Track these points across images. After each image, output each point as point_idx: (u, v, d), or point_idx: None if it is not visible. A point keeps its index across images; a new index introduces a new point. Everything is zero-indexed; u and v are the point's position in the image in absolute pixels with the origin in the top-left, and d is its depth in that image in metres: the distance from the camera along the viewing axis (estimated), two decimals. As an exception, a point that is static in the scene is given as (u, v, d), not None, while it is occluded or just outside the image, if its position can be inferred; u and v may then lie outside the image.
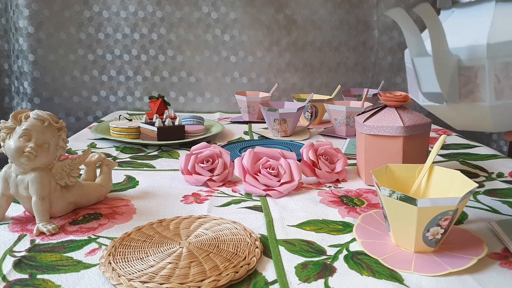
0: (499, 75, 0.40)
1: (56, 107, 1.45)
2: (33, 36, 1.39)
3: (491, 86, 0.40)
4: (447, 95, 0.42)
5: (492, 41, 0.39)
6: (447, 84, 0.42)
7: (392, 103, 0.67)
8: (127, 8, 1.42)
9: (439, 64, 0.41)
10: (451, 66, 0.42)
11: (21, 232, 0.52)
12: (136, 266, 0.43)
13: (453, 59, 0.42)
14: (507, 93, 0.40)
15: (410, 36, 0.42)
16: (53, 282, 0.41)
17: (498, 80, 0.40)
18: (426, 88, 0.44)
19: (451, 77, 0.42)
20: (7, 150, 0.51)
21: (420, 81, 0.44)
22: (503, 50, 0.39)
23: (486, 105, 0.41)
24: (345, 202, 0.62)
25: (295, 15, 1.45)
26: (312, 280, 0.42)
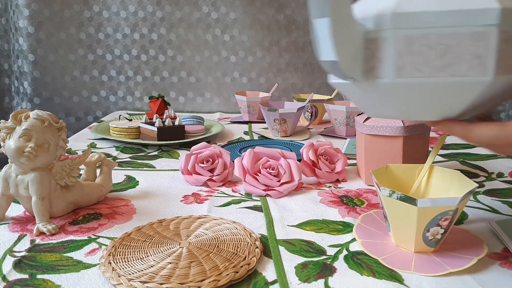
0: (401, 49, 0.37)
1: (56, 107, 1.45)
2: (33, 36, 1.39)
3: (392, 61, 0.37)
4: (347, 68, 0.38)
5: (398, 10, 0.36)
6: (348, 55, 0.38)
7: (392, 103, 0.67)
8: (127, 8, 1.42)
9: (337, 28, 0.37)
10: (354, 36, 0.38)
11: (21, 232, 0.52)
12: (136, 266, 0.43)
13: (358, 28, 0.38)
14: (409, 70, 0.37)
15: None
16: (53, 282, 0.41)
17: (400, 55, 0.37)
18: (324, 56, 0.39)
19: (354, 49, 0.38)
20: (7, 150, 0.51)
21: (319, 47, 0.39)
22: (409, 22, 0.36)
23: (385, 82, 0.38)
24: (345, 202, 0.62)
25: (295, 15, 1.45)
26: (312, 280, 0.42)
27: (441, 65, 0.36)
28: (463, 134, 0.40)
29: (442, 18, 0.35)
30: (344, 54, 0.38)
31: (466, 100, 0.38)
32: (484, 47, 0.35)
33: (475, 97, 0.37)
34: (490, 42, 0.35)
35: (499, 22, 0.34)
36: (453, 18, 0.35)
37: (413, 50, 0.36)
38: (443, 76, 0.36)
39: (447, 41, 0.36)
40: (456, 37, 0.35)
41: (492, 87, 0.37)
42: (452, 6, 0.35)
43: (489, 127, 0.38)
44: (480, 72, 0.36)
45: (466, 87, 0.37)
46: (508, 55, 0.36)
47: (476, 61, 0.36)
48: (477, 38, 0.35)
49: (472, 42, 0.35)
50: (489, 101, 0.40)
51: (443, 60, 0.36)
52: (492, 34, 0.35)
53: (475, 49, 0.35)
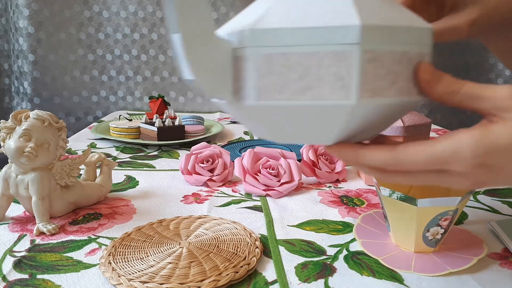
0: (261, 69, 0.33)
1: (56, 107, 1.45)
2: (33, 36, 1.39)
3: (253, 82, 0.33)
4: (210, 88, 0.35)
5: (257, 26, 0.33)
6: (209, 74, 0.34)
7: (392, 103, 0.67)
8: (127, 8, 1.42)
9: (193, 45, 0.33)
10: (216, 53, 0.34)
11: (21, 232, 0.52)
12: (136, 266, 0.43)
13: (223, 44, 0.34)
14: (271, 93, 0.33)
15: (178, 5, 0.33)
16: (53, 282, 0.41)
17: (261, 76, 0.33)
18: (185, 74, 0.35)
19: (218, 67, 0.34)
20: (7, 150, 0.51)
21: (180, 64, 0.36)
22: (267, 39, 0.32)
23: (249, 104, 0.34)
24: (345, 202, 0.62)
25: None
26: (312, 280, 0.42)
27: (302, 87, 0.32)
28: (354, 160, 0.35)
29: (301, 35, 0.32)
30: (204, 73, 0.34)
31: (335, 125, 0.34)
32: (346, 68, 0.32)
33: (344, 123, 0.34)
34: (352, 62, 0.31)
35: (361, 40, 0.31)
36: (312, 36, 0.32)
37: (274, 70, 0.33)
38: (305, 100, 0.33)
39: (308, 61, 0.32)
40: (317, 56, 0.32)
41: (360, 111, 0.33)
42: (311, 23, 0.32)
43: (379, 151, 0.34)
44: (343, 95, 0.32)
45: (331, 112, 0.33)
46: (375, 76, 0.32)
47: (338, 83, 0.32)
48: (338, 58, 0.31)
49: (333, 63, 0.32)
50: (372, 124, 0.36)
51: (304, 82, 0.32)
52: (354, 53, 0.31)
53: (336, 70, 0.32)
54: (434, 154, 0.31)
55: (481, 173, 0.31)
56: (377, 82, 0.33)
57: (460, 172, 0.31)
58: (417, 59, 0.34)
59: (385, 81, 0.33)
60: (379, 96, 0.33)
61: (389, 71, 0.33)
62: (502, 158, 0.30)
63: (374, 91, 0.33)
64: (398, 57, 0.33)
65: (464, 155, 0.30)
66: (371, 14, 0.32)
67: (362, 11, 0.32)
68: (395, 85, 0.34)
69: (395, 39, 0.33)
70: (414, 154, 0.32)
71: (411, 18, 0.35)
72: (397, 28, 0.33)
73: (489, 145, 0.30)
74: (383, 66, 0.33)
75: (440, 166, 0.31)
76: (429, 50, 0.35)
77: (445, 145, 0.31)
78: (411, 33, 0.34)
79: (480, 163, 0.30)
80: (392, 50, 0.33)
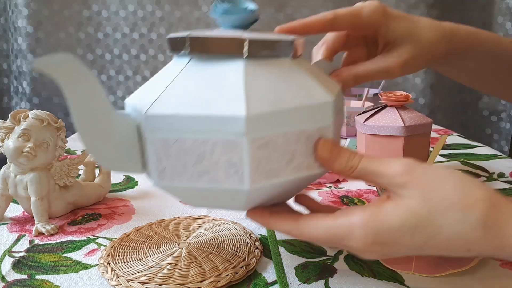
0: (159, 152, 0.33)
1: (55, 107, 1.45)
2: (32, 36, 1.39)
3: (154, 164, 0.34)
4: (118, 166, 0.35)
5: (152, 111, 0.33)
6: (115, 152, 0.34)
7: (392, 103, 0.67)
8: (126, 7, 1.42)
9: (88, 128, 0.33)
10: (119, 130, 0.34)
11: (20, 232, 0.52)
12: (135, 266, 0.43)
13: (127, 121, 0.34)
14: (170, 175, 0.34)
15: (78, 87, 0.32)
16: (52, 283, 0.41)
17: (159, 158, 0.34)
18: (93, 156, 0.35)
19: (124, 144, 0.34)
20: (5, 150, 0.51)
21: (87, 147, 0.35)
22: (162, 124, 0.33)
23: (155, 184, 0.35)
24: (346, 203, 0.62)
25: (295, 15, 1.45)
26: (312, 281, 0.42)
27: (199, 172, 0.33)
28: (265, 225, 0.36)
29: (192, 123, 0.32)
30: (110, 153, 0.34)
31: (239, 201, 0.35)
32: (238, 156, 0.32)
33: (245, 201, 0.35)
34: (242, 150, 0.32)
35: (247, 130, 0.31)
36: (203, 124, 0.32)
37: (170, 154, 0.33)
38: (203, 183, 0.33)
39: (201, 147, 0.32)
40: (209, 143, 0.32)
41: (258, 192, 0.34)
42: (203, 110, 0.32)
43: (284, 221, 0.35)
44: (237, 181, 0.33)
45: (230, 193, 0.34)
46: (268, 160, 0.33)
47: (231, 169, 0.32)
48: (229, 146, 0.32)
49: (225, 150, 0.32)
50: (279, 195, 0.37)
51: (200, 166, 0.33)
52: (243, 142, 0.31)
53: (229, 157, 0.32)
54: (331, 231, 0.33)
55: (378, 249, 0.32)
56: (271, 165, 0.33)
57: (357, 248, 0.32)
58: (316, 135, 0.34)
59: (281, 162, 0.34)
60: (275, 177, 0.34)
61: (284, 152, 0.33)
62: (394, 237, 0.31)
63: (269, 173, 0.33)
64: (293, 138, 0.34)
65: (356, 235, 0.31)
66: (261, 99, 0.32)
67: (252, 97, 0.32)
68: (293, 163, 0.34)
69: (288, 121, 0.33)
70: (314, 227, 0.33)
71: (310, 93, 0.34)
72: (290, 110, 0.33)
73: (378, 226, 0.31)
74: (276, 149, 0.33)
75: (338, 241, 0.33)
76: (330, 123, 0.35)
77: (340, 222, 0.32)
78: (306, 112, 0.34)
79: (373, 242, 0.31)
80: (286, 132, 0.33)
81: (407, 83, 1.56)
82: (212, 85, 0.34)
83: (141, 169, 0.36)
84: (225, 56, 0.34)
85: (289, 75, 0.35)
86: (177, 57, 0.37)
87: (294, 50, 0.36)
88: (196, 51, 0.35)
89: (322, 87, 0.35)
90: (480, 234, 0.30)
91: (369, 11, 0.42)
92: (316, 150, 0.34)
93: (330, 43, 0.46)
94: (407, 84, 1.56)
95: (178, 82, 0.35)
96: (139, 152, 0.35)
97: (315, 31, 0.42)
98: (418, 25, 0.43)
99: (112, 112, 0.34)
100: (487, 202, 0.30)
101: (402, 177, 0.31)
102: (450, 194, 0.30)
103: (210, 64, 0.35)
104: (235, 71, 0.34)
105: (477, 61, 0.48)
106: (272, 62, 0.35)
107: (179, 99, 0.33)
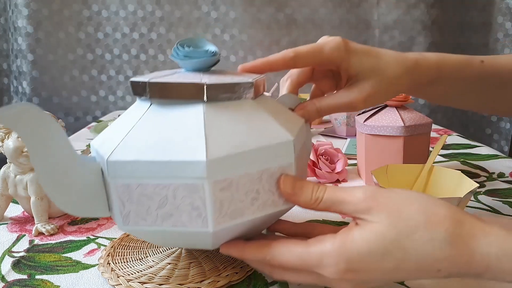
0: (122, 197, 0.34)
1: (55, 107, 1.45)
2: (32, 36, 1.39)
3: (117, 208, 0.35)
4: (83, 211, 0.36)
5: (112, 158, 0.33)
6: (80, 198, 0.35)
7: (392, 103, 0.67)
8: (126, 7, 1.42)
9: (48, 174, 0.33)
10: (83, 176, 0.35)
11: (20, 232, 0.52)
12: (135, 266, 0.43)
13: (91, 167, 0.35)
14: (134, 219, 0.34)
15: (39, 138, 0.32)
16: (52, 283, 0.41)
17: (122, 203, 0.34)
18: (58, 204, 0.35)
19: (88, 189, 0.35)
20: (5, 150, 0.51)
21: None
22: (123, 170, 0.33)
23: (120, 228, 0.36)
24: (345, 202, 0.62)
25: (295, 14, 1.45)
26: (313, 281, 0.41)
27: (163, 215, 0.34)
28: (240, 257, 0.37)
29: (154, 168, 0.33)
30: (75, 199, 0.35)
31: (206, 242, 0.36)
32: (200, 199, 0.33)
33: (211, 241, 0.36)
34: (204, 194, 0.33)
35: (208, 174, 0.32)
36: (164, 169, 0.33)
37: (133, 199, 0.34)
38: (167, 226, 0.34)
39: (164, 191, 0.33)
40: (171, 188, 0.33)
41: (223, 232, 0.35)
42: (164, 156, 0.33)
43: (257, 248, 0.35)
44: (201, 224, 0.33)
45: (196, 235, 0.35)
46: (231, 201, 0.34)
47: (194, 212, 0.33)
48: (191, 190, 0.33)
49: (187, 194, 0.33)
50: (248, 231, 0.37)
51: (163, 210, 0.34)
52: (204, 185, 0.32)
53: (191, 201, 0.33)
54: (303, 257, 0.32)
55: (351, 277, 0.32)
56: (235, 205, 0.34)
57: (330, 277, 0.32)
58: (279, 172, 0.35)
59: (244, 202, 0.34)
60: (240, 217, 0.34)
61: (248, 191, 0.34)
62: (365, 263, 0.31)
63: (233, 214, 0.34)
64: (256, 177, 0.34)
65: (327, 262, 0.31)
66: (221, 142, 0.33)
67: (212, 141, 0.33)
68: (257, 201, 0.35)
69: (249, 162, 0.34)
70: (286, 253, 0.33)
71: (270, 133, 0.35)
72: (250, 152, 0.34)
73: (348, 253, 0.31)
74: (239, 190, 0.34)
75: (310, 269, 0.32)
76: (292, 160, 0.36)
77: (313, 250, 0.32)
78: (267, 152, 0.34)
79: (345, 269, 0.31)
80: (248, 173, 0.34)
81: (407, 83, 1.56)
82: (173, 130, 0.34)
83: (108, 212, 0.37)
84: (185, 100, 0.35)
85: (250, 116, 0.36)
86: (140, 100, 0.38)
87: (254, 91, 0.37)
88: (156, 97, 0.36)
89: (282, 127, 0.36)
90: (448, 251, 0.30)
91: (330, 48, 0.42)
92: (278, 186, 0.35)
93: (295, 77, 0.47)
94: (407, 84, 1.56)
95: (139, 127, 0.35)
96: (105, 195, 0.36)
97: (278, 69, 0.42)
98: (381, 60, 0.44)
99: (75, 160, 0.34)
100: (452, 219, 0.31)
101: (366, 202, 0.32)
102: (416, 214, 0.31)
103: (170, 108, 0.36)
104: (195, 115, 0.35)
105: (446, 85, 0.49)
106: (232, 104, 0.36)
107: (140, 145, 0.34)
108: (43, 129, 0.32)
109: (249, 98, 0.37)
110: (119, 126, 0.38)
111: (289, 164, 0.36)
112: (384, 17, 1.49)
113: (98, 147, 0.36)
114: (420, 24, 1.50)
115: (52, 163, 0.33)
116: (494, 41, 1.56)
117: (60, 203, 0.34)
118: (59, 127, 0.33)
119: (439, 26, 1.52)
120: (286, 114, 0.40)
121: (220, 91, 0.35)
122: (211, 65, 0.40)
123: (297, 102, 0.45)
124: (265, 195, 0.35)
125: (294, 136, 0.36)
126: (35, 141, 0.31)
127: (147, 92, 0.36)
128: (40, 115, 0.31)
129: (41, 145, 0.32)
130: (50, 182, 0.33)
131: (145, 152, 0.33)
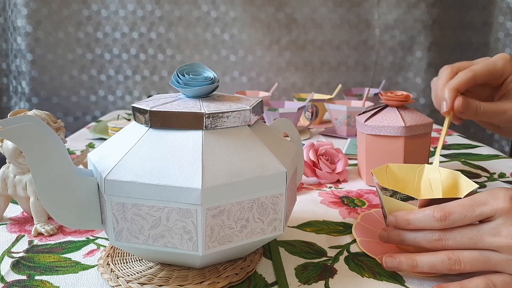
0: (116, 214, 0.36)
1: (54, 106, 1.45)
2: (31, 35, 1.39)
3: (111, 224, 0.36)
4: (77, 223, 0.37)
5: (110, 177, 0.35)
6: (71, 211, 0.36)
7: (393, 103, 0.67)
8: (126, 7, 1.42)
9: (46, 188, 0.35)
10: (78, 192, 0.36)
11: (19, 233, 0.52)
12: (135, 267, 0.42)
13: (87, 183, 0.36)
14: (126, 236, 0.36)
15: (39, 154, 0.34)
16: (51, 283, 0.41)
17: (116, 220, 0.36)
18: (54, 217, 0.37)
19: (83, 203, 0.37)
20: (5, 150, 0.51)
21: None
22: (120, 190, 0.35)
23: (111, 242, 0.38)
24: (346, 203, 0.62)
25: (295, 14, 1.45)
26: (313, 282, 0.41)
27: (155, 235, 0.36)
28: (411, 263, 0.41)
29: (150, 191, 0.34)
30: (69, 211, 0.36)
31: (191, 264, 0.39)
32: (192, 224, 0.34)
33: (198, 264, 0.38)
34: (197, 219, 0.34)
35: (202, 201, 0.34)
36: (159, 193, 0.34)
37: (127, 217, 0.36)
38: (158, 246, 0.36)
39: (157, 213, 0.35)
40: (165, 211, 0.35)
41: (212, 256, 0.37)
42: (160, 179, 0.34)
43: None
44: (191, 247, 0.35)
45: (186, 256, 0.36)
46: (221, 227, 0.35)
47: (186, 236, 0.35)
48: (184, 215, 0.34)
49: (180, 218, 0.35)
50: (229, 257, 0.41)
51: (156, 230, 0.35)
52: (198, 211, 0.34)
53: (184, 225, 0.35)
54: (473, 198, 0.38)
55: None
56: (224, 231, 0.36)
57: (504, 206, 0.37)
58: (269, 201, 0.37)
59: (234, 229, 0.36)
60: (228, 243, 0.36)
61: (238, 219, 0.36)
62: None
63: (222, 240, 0.36)
64: (247, 206, 0.36)
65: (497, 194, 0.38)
66: (217, 171, 0.35)
67: (208, 169, 0.35)
68: (246, 229, 0.37)
69: (242, 192, 0.36)
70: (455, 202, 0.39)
71: (264, 164, 0.37)
72: (244, 182, 0.36)
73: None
74: (230, 217, 0.36)
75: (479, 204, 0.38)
76: (283, 190, 0.38)
77: (481, 193, 0.38)
78: (260, 183, 0.36)
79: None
80: (240, 201, 0.36)
81: (408, 83, 1.56)
82: (170, 155, 0.36)
83: (101, 225, 0.38)
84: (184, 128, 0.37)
85: (246, 144, 0.38)
86: None
87: (251, 118, 0.39)
88: (156, 126, 0.38)
89: (275, 158, 0.38)
90: None
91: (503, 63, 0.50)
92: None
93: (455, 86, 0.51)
94: (408, 84, 1.56)
95: (137, 149, 0.37)
96: (99, 209, 0.38)
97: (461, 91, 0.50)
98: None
99: (73, 174, 0.36)
100: None
101: None
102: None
103: (169, 133, 0.37)
104: (193, 142, 0.36)
105: None
106: (230, 131, 0.38)
107: (137, 167, 0.35)
108: (45, 145, 0.33)
109: (246, 125, 0.39)
110: (118, 144, 0.39)
111: (281, 194, 0.38)
112: (385, 17, 1.49)
113: (96, 162, 0.38)
114: (421, 23, 1.50)
115: (51, 177, 0.34)
116: (495, 40, 1.56)
117: (56, 216, 0.36)
118: (60, 142, 0.34)
119: (439, 25, 1.52)
120: (281, 142, 0.42)
121: (218, 119, 0.37)
122: (210, 91, 0.42)
123: (290, 127, 0.48)
124: (254, 223, 0.37)
125: (287, 167, 0.38)
126: (36, 156, 0.33)
127: (147, 121, 0.38)
128: (42, 131, 0.33)
129: (42, 160, 0.33)
130: (47, 195, 0.35)
131: (143, 175, 0.35)
